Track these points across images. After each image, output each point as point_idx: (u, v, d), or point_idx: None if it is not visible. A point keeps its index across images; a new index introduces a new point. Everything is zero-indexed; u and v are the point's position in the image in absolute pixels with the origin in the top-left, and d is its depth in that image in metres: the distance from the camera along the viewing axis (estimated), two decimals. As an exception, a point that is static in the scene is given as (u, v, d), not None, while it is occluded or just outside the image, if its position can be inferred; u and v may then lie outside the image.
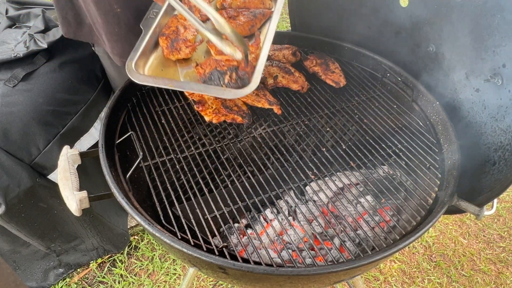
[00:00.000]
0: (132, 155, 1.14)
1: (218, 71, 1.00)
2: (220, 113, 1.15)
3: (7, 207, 1.41)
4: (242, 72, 0.99)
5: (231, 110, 1.15)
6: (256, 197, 1.01)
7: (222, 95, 0.98)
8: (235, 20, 1.15)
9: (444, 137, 1.15)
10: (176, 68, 1.13)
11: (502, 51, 1.03)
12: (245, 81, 0.99)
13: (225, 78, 1.00)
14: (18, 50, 1.48)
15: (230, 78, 0.99)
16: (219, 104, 1.16)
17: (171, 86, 1.00)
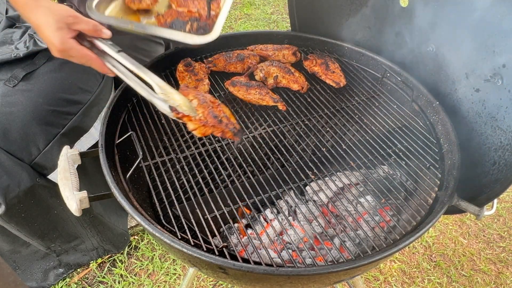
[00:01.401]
0: (132, 155, 1.14)
1: (179, 20, 1.02)
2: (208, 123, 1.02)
3: (7, 207, 1.41)
4: (203, 22, 1.02)
5: (220, 122, 1.03)
6: (256, 197, 1.01)
7: (184, 39, 0.98)
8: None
9: (444, 137, 1.15)
10: (136, 17, 1.14)
11: (502, 51, 1.03)
12: (206, 31, 1.01)
13: (186, 27, 1.02)
14: (18, 50, 1.48)
15: (192, 27, 1.01)
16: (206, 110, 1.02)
17: (132, 27, 1.01)
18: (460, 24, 1.14)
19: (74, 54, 1.04)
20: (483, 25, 1.06)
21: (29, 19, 1.02)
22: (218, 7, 1.13)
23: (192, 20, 1.03)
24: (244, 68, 1.39)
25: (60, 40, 1.00)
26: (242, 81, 1.30)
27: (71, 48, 1.03)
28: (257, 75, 1.37)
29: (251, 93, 1.28)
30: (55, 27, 0.99)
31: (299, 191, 1.13)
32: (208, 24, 1.02)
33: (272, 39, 1.53)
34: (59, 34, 1.00)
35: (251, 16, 4.27)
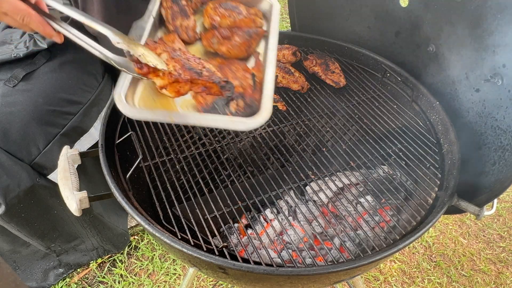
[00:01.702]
0: (132, 155, 1.14)
1: (222, 98, 0.86)
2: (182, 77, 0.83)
3: (7, 207, 1.41)
4: (250, 98, 0.86)
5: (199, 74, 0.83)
6: (256, 197, 1.01)
7: (235, 126, 0.83)
8: (230, 41, 1.04)
9: (444, 137, 1.15)
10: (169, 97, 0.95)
11: (502, 51, 1.03)
12: (254, 109, 0.84)
13: (230, 107, 0.86)
14: (18, 50, 1.48)
15: (237, 106, 0.85)
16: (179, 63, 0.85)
17: (172, 120, 0.83)
18: (460, 24, 1.14)
19: (6, 7, 0.83)
20: (483, 25, 1.06)
21: None
22: (259, 71, 0.96)
23: (236, 96, 0.86)
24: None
25: None
26: (242, 81, 1.30)
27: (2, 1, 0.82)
28: (257, 75, 1.37)
29: (251, 93, 1.28)
30: None
31: (299, 191, 1.13)
32: (256, 100, 0.86)
33: (272, 39, 1.53)
34: None
35: (251, 16, 4.27)
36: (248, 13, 1.16)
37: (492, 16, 1.03)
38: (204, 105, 0.89)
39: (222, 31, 1.07)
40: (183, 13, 1.11)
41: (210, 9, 1.13)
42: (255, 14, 1.17)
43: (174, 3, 1.12)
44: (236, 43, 1.03)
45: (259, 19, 1.19)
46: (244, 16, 1.14)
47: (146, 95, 0.94)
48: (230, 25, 1.13)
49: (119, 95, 0.86)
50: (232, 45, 1.03)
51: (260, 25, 1.18)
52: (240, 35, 1.06)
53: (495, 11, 1.02)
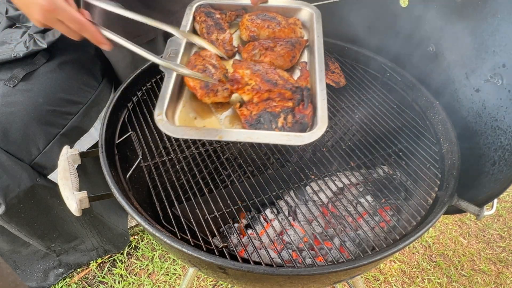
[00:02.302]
0: (132, 155, 1.14)
1: (269, 112, 0.84)
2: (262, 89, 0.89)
3: (7, 207, 1.41)
4: (301, 114, 0.84)
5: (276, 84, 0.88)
6: (256, 197, 1.01)
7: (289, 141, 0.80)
8: (273, 51, 0.99)
9: (444, 137, 1.15)
10: (211, 113, 0.94)
11: (502, 51, 1.03)
12: (304, 126, 0.83)
13: (278, 122, 0.84)
14: (18, 50, 1.48)
15: (285, 121, 0.83)
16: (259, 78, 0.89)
17: (221, 137, 0.81)
18: (460, 24, 1.14)
19: (63, 16, 0.87)
20: (483, 25, 1.06)
21: None
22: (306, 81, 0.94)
23: (285, 112, 0.84)
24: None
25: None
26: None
27: (60, 8, 0.85)
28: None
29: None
30: None
31: (299, 191, 1.13)
32: (307, 116, 0.84)
33: (272, 39, 1.53)
34: None
35: (251, 16, 4.27)
36: (287, 23, 1.11)
37: (492, 16, 1.03)
38: (248, 118, 0.87)
39: (263, 42, 1.02)
40: (218, 27, 1.08)
41: (247, 20, 1.09)
42: (294, 24, 1.13)
43: (208, 17, 1.09)
44: (280, 53, 0.98)
45: (299, 29, 1.14)
46: (283, 26, 1.09)
47: (185, 112, 0.94)
48: (269, 36, 1.08)
49: (159, 116, 0.86)
50: (275, 55, 0.98)
51: (301, 35, 1.13)
52: (283, 45, 1.01)
53: (495, 11, 1.02)
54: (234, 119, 0.92)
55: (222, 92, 0.92)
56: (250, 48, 1.03)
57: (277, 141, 0.82)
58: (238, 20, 1.17)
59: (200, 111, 0.94)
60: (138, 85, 1.28)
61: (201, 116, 0.93)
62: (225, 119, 0.93)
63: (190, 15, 1.12)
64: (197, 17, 1.11)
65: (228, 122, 0.92)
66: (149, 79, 1.32)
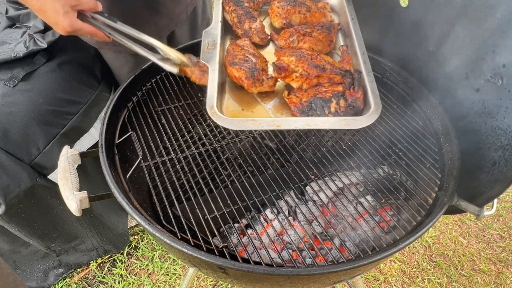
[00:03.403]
0: (132, 155, 1.14)
1: (320, 98, 0.85)
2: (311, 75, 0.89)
3: (7, 207, 1.41)
4: (352, 98, 0.85)
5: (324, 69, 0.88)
6: (256, 197, 1.01)
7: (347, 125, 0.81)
8: (312, 37, 0.99)
9: (444, 137, 1.15)
10: (257, 103, 0.93)
11: (502, 51, 1.03)
12: (357, 109, 0.83)
13: (331, 107, 0.84)
14: (18, 50, 1.48)
15: (338, 106, 0.84)
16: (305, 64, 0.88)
17: (278, 126, 0.82)
18: (460, 24, 1.14)
19: (82, 32, 1.13)
20: (483, 25, 1.06)
21: (32, 5, 1.08)
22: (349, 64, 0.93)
23: (336, 96, 0.84)
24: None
25: (69, 23, 1.08)
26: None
27: (79, 29, 1.12)
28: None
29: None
30: (62, 12, 1.06)
31: (299, 191, 1.13)
32: (358, 99, 0.85)
33: (272, 39, 1.53)
34: (67, 18, 1.08)
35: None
36: (316, 7, 1.12)
37: (492, 16, 1.03)
38: (298, 105, 0.87)
39: (299, 28, 1.02)
40: (249, 16, 1.09)
41: (277, 7, 1.09)
42: (324, 8, 1.13)
43: (237, 6, 1.11)
44: (318, 38, 0.99)
45: (328, 13, 1.15)
46: (314, 10, 1.10)
47: (232, 104, 0.95)
48: (301, 22, 1.08)
49: (213, 109, 0.87)
50: (315, 40, 0.98)
51: (331, 19, 1.14)
52: (319, 30, 1.01)
53: (495, 11, 1.02)
54: (281, 108, 0.92)
55: (268, 81, 0.92)
56: (287, 35, 1.02)
57: (336, 126, 0.82)
58: (266, 8, 1.17)
59: (245, 102, 0.94)
60: (138, 85, 1.28)
61: (247, 107, 0.94)
62: (273, 108, 0.93)
63: (219, 5, 1.13)
64: (226, 7, 1.12)
65: (276, 111, 0.92)
66: (149, 79, 1.32)
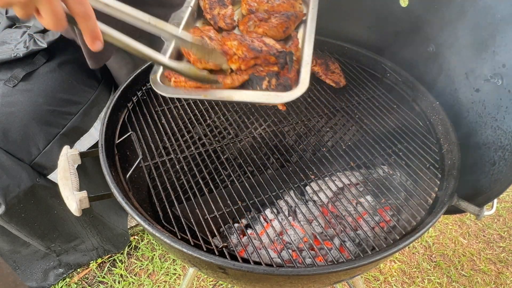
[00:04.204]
0: (132, 155, 1.14)
1: (256, 77, 0.91)
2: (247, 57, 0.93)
3: (7, 207, 1.41)
4: (284, 77, 0.90)
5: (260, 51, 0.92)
6: (256, 197, 1.01)
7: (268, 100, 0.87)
8: (267, 22, 1.05)
9: (444, 137, 1.15)
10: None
11: (502, 51, 1.03)
12: (287, 88, 0.89)
13: (262, 84, 0.90)
14: (18, 50, 1.48)
15: (269, 83, 0.90)
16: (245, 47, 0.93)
17: (206, 96, 0.88)
18: (460, 24, 1.14)
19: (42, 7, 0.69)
20: (483, 25, 1.06)
21: None
22: (297, 49, 1.01)
23: (269, 75, 0.91)
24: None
25: None
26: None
27: None
28: (257, 75, 1.37)
29: (251, 93, 1.28)
30: None
31: (299, 191, 1.13)
32: (290, 79, 0.91)
33: (272, 39, 1.53)
34: None
35: (251, 16, 4.27)
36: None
37: (492, 16, 1.03)
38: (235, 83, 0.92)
39: (259, 14, 1.08)
40: (221, 3, 1.13)
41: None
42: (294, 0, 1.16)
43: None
44: (273, 24, 1.03)
45: (299, 4, 1.17)
46: (283, 1, 1.13)
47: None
48: (268, 10, 1.11)
49: (155, 77, 0.94)
50: (269, 26, 1.02)
51: (299, 10, 1.16)
52: (277, 17, 1.06)
53: (495, 11, 1.02)
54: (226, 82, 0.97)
55: None
56: (246, 21, 1.07)
57: (257, 99, 0.89)
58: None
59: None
60: (138, 85, 1.28)
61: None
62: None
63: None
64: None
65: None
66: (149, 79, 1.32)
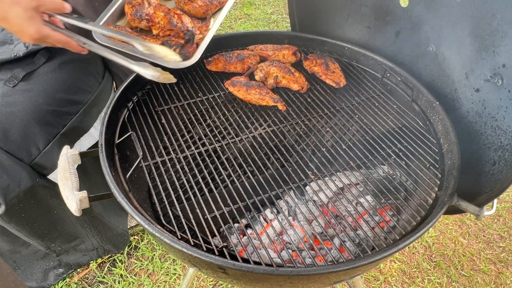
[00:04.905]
0: (132, 155, 1.14)
1: (167, 43, 1.20)
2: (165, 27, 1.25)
3: (7, 207, 1.41)
4: (185, 50, 1.21)
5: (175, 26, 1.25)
6: (256, 197, 1.01)
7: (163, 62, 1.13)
8: (192, 3, 1.32)
9: (444, 137, 1.15)
10: None
11: (502, 51, 1.03)
12: (186, 58, 1.19)
13: None
14: (18, 50, 1.48)
15: (175, 51, 1.17)
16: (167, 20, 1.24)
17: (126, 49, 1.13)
18: (460, 24, 1.14)
19: (50, 40, 1.04)
20: (483, 25, 1.06)
21: None
22: (206, 29, 1.29)
23: (177, 45, 1.19)
24: (244, 68, 1.39)
25: (36, 29, 0.98)
26: (242, 81, 1.31)
27: (48, 36, 1.02)
28: (257, 75, 1.37)
29: (251, 93, 1.28)
30: (26, 17, 0.96)
31: (299, 191, 1.13)
32: (189, 52, 1.20)
33: (272, 39, 1.53)
34: (32, 23, 0.97)
35: (251, 16, 4.27)
36: None
37: (491, 16, 1.03)
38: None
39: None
40: None
41: None
42: None
43: None
44: (196, 5, 1.33)
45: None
46: None
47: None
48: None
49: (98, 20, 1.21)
50: (193, 6, 1.32)
51: None
52: (204, 1, 1.33)
53: (495, 11, 1.02)
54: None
55: (143, 23, 1.25)
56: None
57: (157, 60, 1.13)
58: None
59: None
60: (138, 85, 1.28)
61: None
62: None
63: None
64: None
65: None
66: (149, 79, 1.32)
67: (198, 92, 1.34)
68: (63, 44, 1.07)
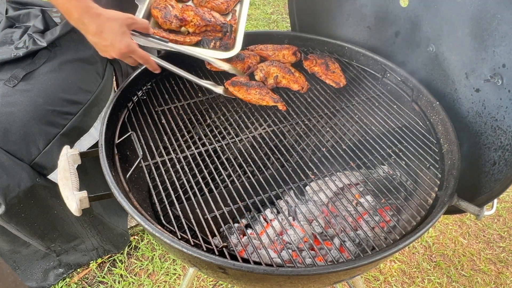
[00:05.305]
0: (132, 155, 1.14)
1: (206, 39, 1.32)
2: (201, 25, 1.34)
3: (7, 207, 1.41)
4: (225, 41, 1.32)
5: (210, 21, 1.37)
6: (256, 197, 1.01)
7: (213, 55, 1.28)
8: (214, 1, 1.44)
9: (444, 137, 1.15)
10: None
11: (502, 51, 1.03)
12: (228, 48, 1.32)
13: (210, 45, 1.31)
14: (18, 50, 1.48)
15: (215, 44, 1.31)
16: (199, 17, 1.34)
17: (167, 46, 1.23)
18: (460, 24, 1.14)
19: (135, 55, 1.12)
20: (483, 25, 1.06)
21: (87, 26, 1.04)
22: (235, 22, 1.42)
23: (215, 39, 1.31)
24: (244, 68, 1.39)
25: (126, 44, 1.07)
26: (242, 81, 1.31)
27: (134, 51, 1.10)
28: (257, 75, 1.37)
29: (251, 93, 1.28)
30: (120, 32, 1.05)
31: (299, 191, 1.13)
32: (229, 43, 1.32)
33: (272, 39, 1.53)
34: (124, 38, 1.06)
35: (251, 16, 4.27)
36: None
37: (492, 16, 1.03)
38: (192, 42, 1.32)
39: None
40: None
41: None
42: None
43: None
44: (218, 3, 1.44)
45: None
46: None
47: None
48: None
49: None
50: (216, 3, 1.44)
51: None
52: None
53: (494, 11, 1.02)
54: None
55: (175, 22, 1.33)
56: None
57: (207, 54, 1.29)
58: None
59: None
60: (138, 85, 1.28)
61: None
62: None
63: None
64: None
65: None
66: (149, 79, 1.32)
67: (198, 92, 1.35)
68: (144, 61, 1.15)
